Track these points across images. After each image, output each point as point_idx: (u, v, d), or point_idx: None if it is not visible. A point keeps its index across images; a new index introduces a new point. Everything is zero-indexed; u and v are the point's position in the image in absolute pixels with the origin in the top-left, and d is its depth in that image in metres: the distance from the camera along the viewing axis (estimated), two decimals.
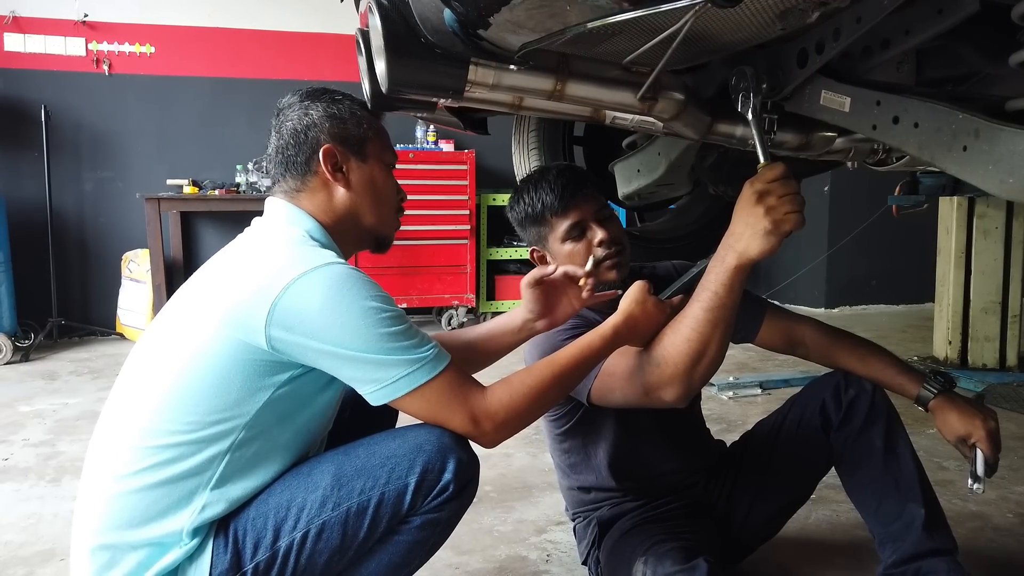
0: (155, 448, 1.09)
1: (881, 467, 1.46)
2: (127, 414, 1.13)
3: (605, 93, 1.25)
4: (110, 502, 1.10)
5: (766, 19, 1.02)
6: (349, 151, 1.24)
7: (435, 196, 4.80)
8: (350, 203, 1.24)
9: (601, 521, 1.58)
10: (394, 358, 1.08)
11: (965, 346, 3.62)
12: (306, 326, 1.07)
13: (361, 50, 1.35)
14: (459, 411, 1.11)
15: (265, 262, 1.13)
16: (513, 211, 1.61)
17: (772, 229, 1.11)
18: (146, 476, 1.09)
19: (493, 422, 1.12)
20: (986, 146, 0.95)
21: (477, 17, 0.98)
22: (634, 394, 1.29)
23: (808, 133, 1.44)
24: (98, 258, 4.83)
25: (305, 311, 1.07)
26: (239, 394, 1.10)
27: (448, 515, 1.15)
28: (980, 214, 3.55)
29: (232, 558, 1.09)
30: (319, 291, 1.07)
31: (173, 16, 4.85)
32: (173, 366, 1.11)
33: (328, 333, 1.06)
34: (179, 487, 1.09)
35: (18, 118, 4.60)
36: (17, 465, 2.52)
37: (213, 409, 1.09)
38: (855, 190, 5.37)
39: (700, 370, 1.22)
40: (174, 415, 1.09)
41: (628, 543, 1.48)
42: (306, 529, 1.09)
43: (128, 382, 1.17)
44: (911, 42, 1.10)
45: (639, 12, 0.91)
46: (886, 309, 5.71)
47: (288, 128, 1.24)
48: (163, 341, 1.16)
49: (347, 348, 1.07)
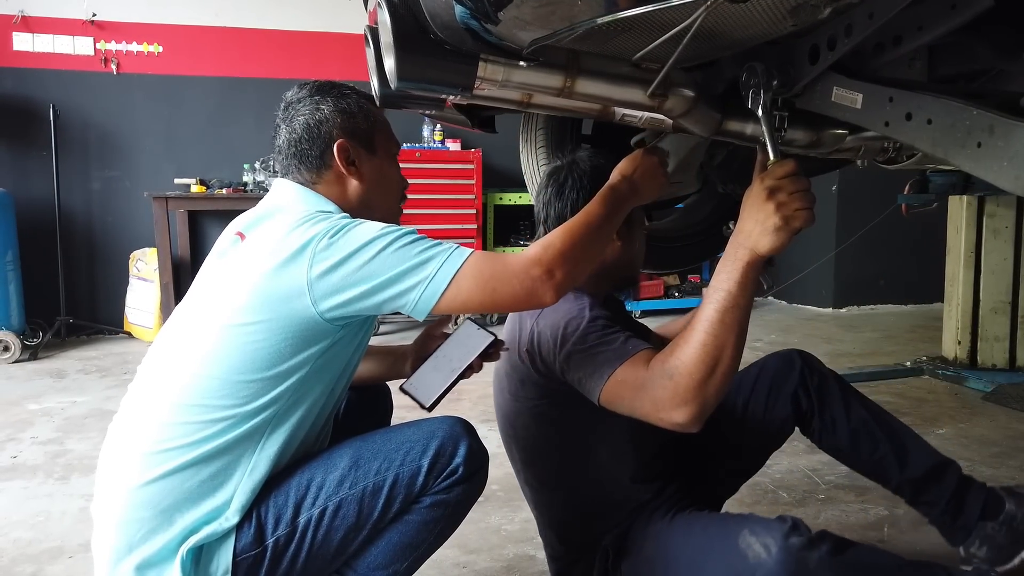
0: (200, 423, 1.14)
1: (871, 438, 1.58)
2: (159, 394, 1.17)
3: (615, 90, 1.24)
4: (153, 477, 1.13)
5: (777, 15, 1.01)
6: (360, 145, 1.30)
7: (442, 195, 4.80)
8: (362, 194, 1.30)
9: (616, 544, 1.44)
10: (424, 257, 1.12)
11: (974, 346, 3.60)
12: (344, 279, 1.12)
13: (370, 47, 1.34)
14: (509, 272, 1.12)
15: (293, 233, 1.16)
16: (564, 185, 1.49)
17: (782, 225, 1.08)
18: (193, 451, 1.13)
19: (544, 265, 1.13)
20: (1001, 142, 0.94)
21: (490, 11, 0.97)
22: (643, 410, 1.19)
23: (819, 130, 1.43)
24: (106, 257, 4.85)
25: (339, 266, 1.12)
26: (283, 366, 1.15)
27: (456, 498, 1.19)
28: (990, 213, 3.53)
29: (255, 532, 1.14)
30: (347, 244, 1.13)
31: (181, 15, 4.86)
32: (207, 343, 1.16)
33: (363, 272, 1.11)
34: (229, 454, 1.14)
35: (26, 117, 4.62)
36: (26, 463, 2.53)
37: (259, 381, 1.14)
38: (864, 189, 5.34)
39: (715, 381, 1.12)
40: (218, 390, 1.14)
41: (689, 535, 1.35)
42: (324, 506, 1.15)
43: (158, 363, 1.21)
44: (924, 38, 1.09)
45: (651, 7, 0.91)
46: (894, 309, 5.69)
47: (300, 123, 1.28)
48: (192, 322, 1.20)
49: (383, 275, 1.11)
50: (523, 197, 4.97)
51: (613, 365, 1.24)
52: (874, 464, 1.60)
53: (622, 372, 1.23)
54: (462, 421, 1.23)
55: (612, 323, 1.33)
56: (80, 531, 2.00)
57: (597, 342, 1.29)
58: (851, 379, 3.45)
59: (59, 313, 4.59)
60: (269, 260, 1.14)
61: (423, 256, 1.13)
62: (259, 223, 1.23)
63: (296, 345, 1.15)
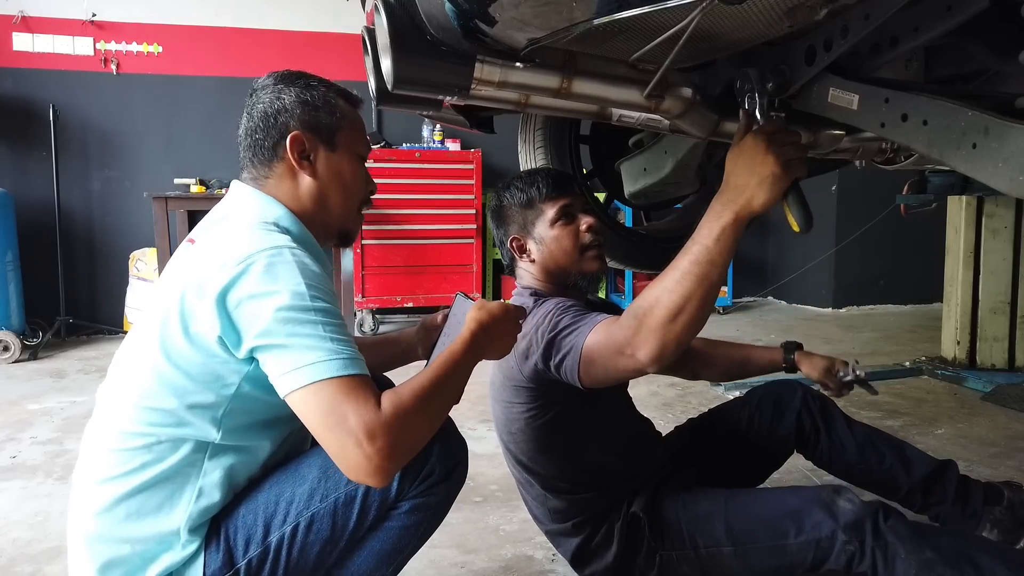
0: (140, 449, 1.08)
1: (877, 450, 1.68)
2: (113, 418, 1.12)
3: (612, 91, 1.25)
4: (106, 504, 1.09)
5: (773, 16, 1.02)
6: (318, 139, 1.21)
7: (441, 195, 4.80)
8: (316, 192, 1.21)
9: (646, 507, 1.51)
10: (308, 343, 1.01)
11: (973, 346, 3.60)
12: (242, 312, 1.03)
13: (367, 48, 1.35)
14: (345, 426, 0.99)
15: (217, 255, 1.08)
16: (502, 199, 1.61)
17: (782, 174, 1.09)
18: (136, 476, 1.08)
19: (383, 434, 0.99)
20: (996, 144, 0.94)
21: (476, 9, 0.98)
22: (612, 358, 1.24)
23: (816, 131, 1.43)
24: (106, 257, 4.85)
25: (244, 295, 1.03)
26: (203, 396, 1.08)
27: (438, 499, 1.16)
28: (989, 213, 3.53)
29: (224, 556, 1.09)
30: (257, 275, 1.04)
31: (180, 16, 4.86)
32: (146, 368, 1.09)
33: (258, 321, 1.02)
34: (169, 483, 1.09)
35: (26, 117, 4.62)
36: (25, 463, 2.53)
37: (181, 410, 1.08)
38: (863, 189, 5.35)
39: (678, 327, 1.14)
40: (151, 419, 1.08)
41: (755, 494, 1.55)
42: (296, 522, 1.10)
43: (113, 385, 1.15)
44: (920, 39, 1.09)
45: (646, 8, 0.91)
46: (893, 309, 5.69)
47: (259, 111, 1.21)
48: (140, 340, 1.13)
49: (272, 335, 1.02)
50: None
51: (584, 336, 1.30)
52: (884, 474, 1.67)
53: (592, 337, 1.29)
54: None
55: (581, 308, 1.40)
56: None
57: (569, 323, 1.35)
58: None
59: (59, 313, 4.59)
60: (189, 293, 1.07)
61: (308, 342, 1.02)
62: (209, 229, 1.18)
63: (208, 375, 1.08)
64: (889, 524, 1.33)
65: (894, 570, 1.31)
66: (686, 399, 3.19)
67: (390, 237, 4.74)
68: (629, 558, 1.51)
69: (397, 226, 4.72)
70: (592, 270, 1.57)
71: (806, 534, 1.36)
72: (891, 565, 1.31)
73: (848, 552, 1.33)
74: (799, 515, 1.38)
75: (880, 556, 1.32)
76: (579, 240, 1.54)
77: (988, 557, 1.31)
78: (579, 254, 1.54)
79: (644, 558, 1.49)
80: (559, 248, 1.54)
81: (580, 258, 1.55)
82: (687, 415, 2.94)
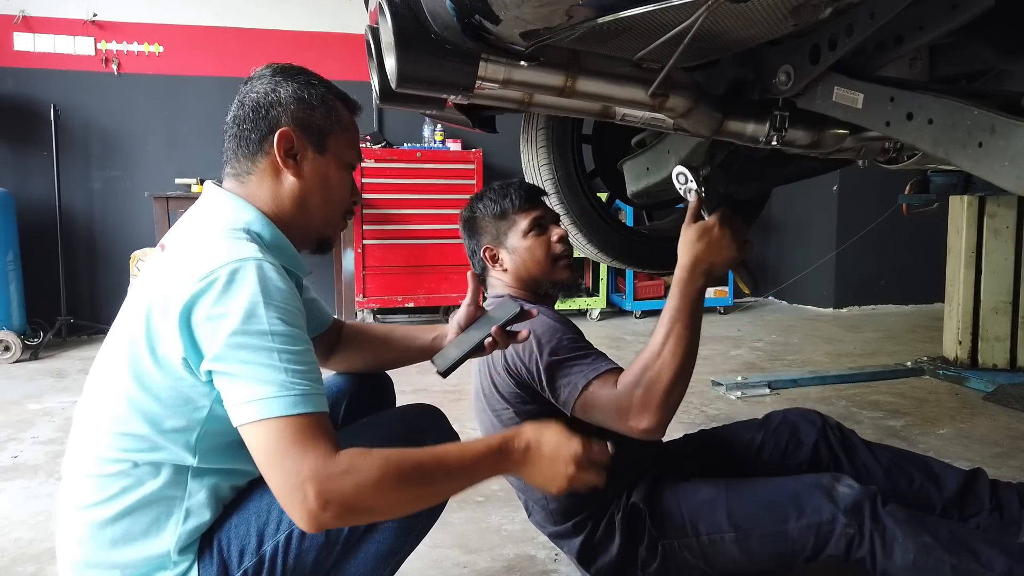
0: (118, 474, 1.04)
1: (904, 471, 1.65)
2: (89, 444, 1.08)
3: (616, 89, 1.24)
4: (91, 530, 1.06)
5: (778, 15, 1.02)
6: (308, 139, 1.16)
7: (442, 195, 4.80)
8: (299, 194, 1.16)
9: (645, 498, 1.53)
10: (261, 374, 0.95)
11: (975, 346, 3.60)
12: (201, 330, 0.98)
13: (371, 47, 1.34)
14: (294, 473, 0.92)
15: (183, 268, 1.03)
16: (474, 210, 1.68)
17: (737, 255, 1.38)
18: (118, 502, 1.05)
19: (323, 495, 0.92)
20: (1002, 142, 0.94)
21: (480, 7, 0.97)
22: (612, 421, 1.34)
23: (820, 130, 1.43)
24: (107, 257, 4.85)
25: (203, 315, 0.98)
26: (175, 420, 1.03)
27: None
28: (991, 213, 3.53)
29: (219, 569, 1.06)
30: (217, 292, 0.98)
31: (181, 16, 4.86)
32: (118, 392, 1.05)
33: (213, 344, 0.97)
34: (154, 506, 1.05)
35: (27, 117, 4.62)
36: (27, 463, 2.53)
37: (156, 435, 1.03)
38: (864, 189, 5.34)
39: (677, 393, 1.30)
40: (126, 445, 1.04)
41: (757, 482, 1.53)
42: (289, 530, 1.06)
43: (88, 407, 1.11)
44: (925, 38, 1.09)
45: (652, 7, 0.91)
46: (895, 309, 5.68)
47: (251, 100, 1.16)
48: (111, 359, 1.09)
49: (224, 361, 0.97)
50: None
51: (587, 379, 1.38)
52: (915, 495, 1.64)
53: (594, 387, 1.37)
54: (428, 409, 1.14)
55: (577, 335, 1.49)
56: None
57: (569, 355, 1.43)
58: (852, 379, 3.49)
59: (60, 313, 4.59)
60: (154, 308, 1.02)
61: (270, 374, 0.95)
62: (179, 235, 1.15)
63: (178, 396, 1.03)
64: (887, 509, 1.37)
65: (892, 554, 1.34)
66: (687, 399, 3.18)
67: (391, 237, 4.74)
68: (632, 550, 1.52)
69: (398, 226, 4.72)
70: (563, 279, 1.64)
71: (807, 518, 1.39)
72: (889, 549, 1.35)
73: (848, 536, 1.37)
74: (800, 500, 1.41)
75: (879, 540, 1.35)
76: (550, 250, 1.61)
77: (986, 545, 1.35)
78: (551, 263, 1.62)
79: (646, 549, 1.50)
80: (531, 258, 1.61)
81: (552, 267, 1.62)
82: (688, 415, 2.94)
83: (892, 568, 1.35)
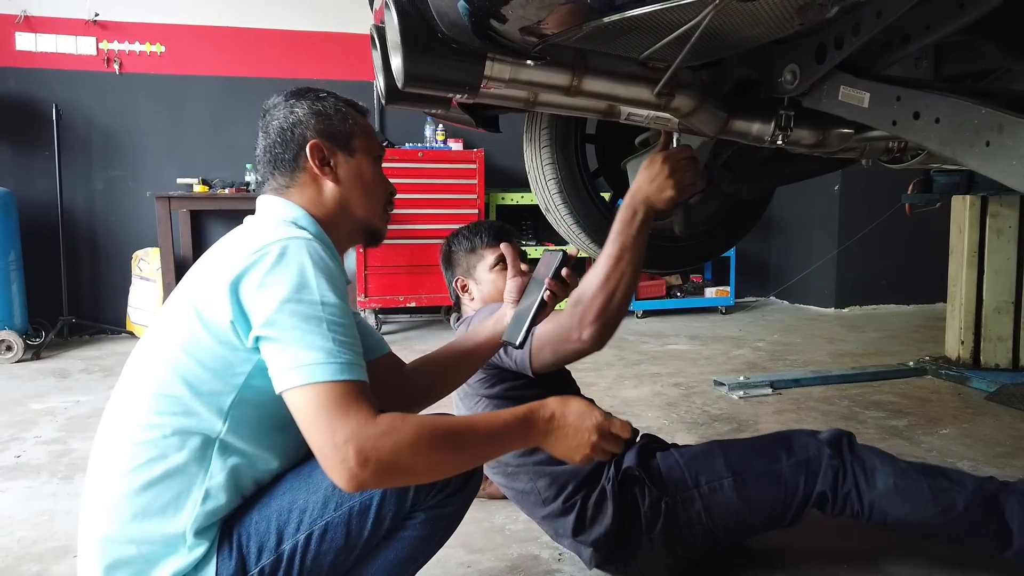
0: (148, 443, 1.07)
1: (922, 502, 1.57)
2: (126, 411, 1.12)
3: (622, 88, 1.25)
4: (115, 501, 1.08)
5: (785, 14, 1.01)
6: (336, 145, 1.24)
7: (444, 195, 4.80)
8: (340, 196, 1.24)
9: (639, 464, 1.62)
10: (310, 340, 1.00)
11: (977, 346, 3.59)
12: (251, 299, 1.03)
13: (376, 46, 1.34)
14: (340, 426, 0.97)
15: (235, 248, 1.10)
16: (451, 246, 1.87)
17: (677, 196, 1.43)
18: (143, 472, 1.07)
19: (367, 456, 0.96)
20: (1010, 141, 0.94)
21: (490, 7, 0.97)
22: (560, 344, 1.42)
23: (825, 130, 1.43)
24: (108, 256, 4.85)
25: (254, 284, 1.03)
26: (214, 385, 1.07)
27: (453, 510, 1.16)
28: (993, 213, 3.53)
29: (237, 563, 1.07)
30: (269, 264, 1.04)
31: (183, 15, 4.86)
32: (162, 361, 1.10)
33: (264, 309, 1.02)
34: (175, 481, 1.07)
35: (29, 117, 4.62)
36: (30, 462, 2.53)
37: (192, 402, 1.07)
38: (866, 189, 5.34)
39: (614, 307, 1.38)
40: (161, 408, 1.08)
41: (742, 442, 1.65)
42: (309, 531, 1.08)
43: (126, 381, 1.16)
44: (931, 37, 1.09)
45: (660, 6, 0.91)
46: (897, 309, 5.68)
47: (275, 127, 1.24)
48: (155, 337, 1.15)
49: (275, 326, 1.01)
50: (525, 197, 4.97)
51: None
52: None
53: (540, 329, 1.45)
54: None
55: None
56: None
57: None
58: (855, 379, 3.49)
59: (62, 313, 4.59)
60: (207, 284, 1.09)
61: (319, 341, 1.01)
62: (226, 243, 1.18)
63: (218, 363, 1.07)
64: (860, 444, 1.57)
65: (874, 482, 1.49)
66: (690, 399, 3.19)
67: (392, 237, 4.73)
68: (631, 515, 1.58)
69: (399, 226, 4.71)
70: None
71: (796, 455, 1.55)
72: (871, 477, 1.50)
73: (834, 468, 1.52)
74: (788, 440, 1.59)
75: (859, 470, 1.51)
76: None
77: (955, 471, 1.54)
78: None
79: (650, 509, 1.57)
80: (495, 289, 1.78)
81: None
82: (690, 415, 2.94)
83: (876, 497, 1.49)
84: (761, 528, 1.59)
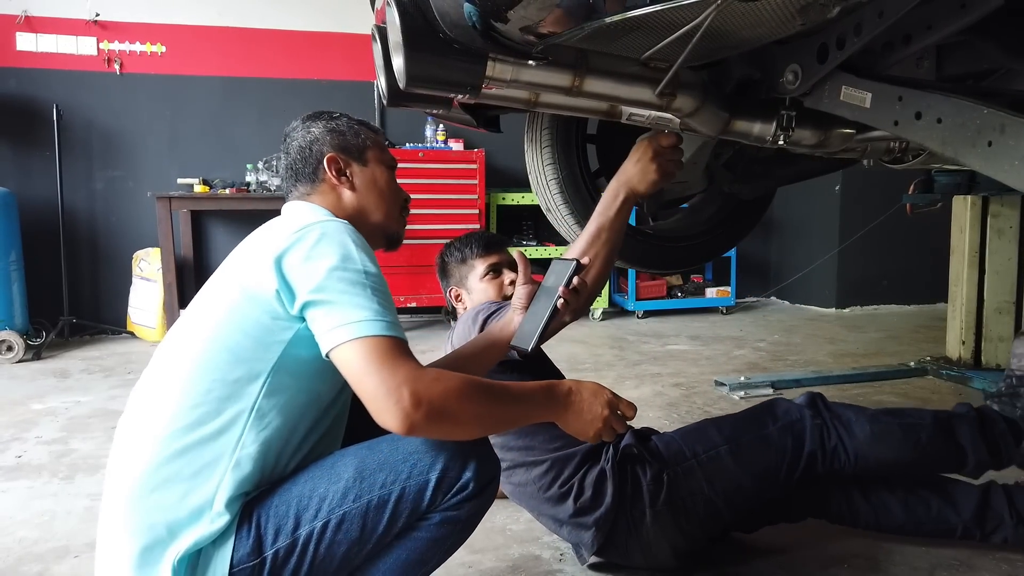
0: (187, 409, 1.12)
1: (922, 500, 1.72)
2: (161, 385, 1.17)
3: (623, 89, 1.25)
4: (145, 466, 1.11)
5: (786, 14, 1.01)
6: (350, 157, 1.36)
7: (444, 195, 4.80)
8: (357, 202, 1.35)
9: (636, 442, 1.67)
10: (358, 301, 1.09)
11: (978, 347, 3.59)
12: (298, 270, 1.12)
13: (378, 46, 1.34)
14: (392, 370, 1.05)
15: (273, 232, 1.20)
16: (445, 257, 1.95)
17: (659, 180, 1.48)
18: (179, 439, 1.11)
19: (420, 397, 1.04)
20: (1012, 141, 0.94)
21: (496, 8, 0.97)
22: None
23: (826, 130, 1.43)
24: (109, 257, 4.85)
25: (300, 257, 1.12)
26: (254, 352, 1.13)
27: (467, 514, 1.16)
28: (994, 213, 3.53)
29: (254, 543, 1.10)
30: (313, 240, 1.14)
31: (184, 16, 4.86)
32: (200, 336, 1.17)
33: (312, 278, 1.10)
34: (208, 449, 1.10)
35: (30, 117, 4.62)
36: (31, 462, 2.53)
37: (231, 368, 1.13)
38: (867, 189, 5.34)
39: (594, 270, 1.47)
40: (202, 374, 1.13)
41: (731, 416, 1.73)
42: (327, 519, 1.11)
43: (157, 364, 1.21)
44: (933, 37, 1.09)
45: (662, 6, 0.91)
46: (898, 309, 5.68)
47: (295, 147, 1.36)
48: (193, 318, 1.22)
49: (324, 291, 1.10)
50: (526, 197, 4.96)
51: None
52: (934, 522, 1.70)
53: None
54: None
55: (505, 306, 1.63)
56: (85, 531, 2.00)
57: (499, 308, 1.62)
58: (855, 379, 3.48)
59: (62, 313, 4.59)
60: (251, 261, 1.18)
61: (356, 300, 1.09)
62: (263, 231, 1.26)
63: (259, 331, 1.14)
64: (832, 401, 1.69)
65: (854, 432, 1.62)
66: (691, 399, 3.19)
67: None
68: (633, 490, 1.61)
69: None
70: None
71: (780, 420, 1.66)
72: (849, 428, 1.62)
73: (817, 427, 1.63)
74: (771, 407, 1.70)
75: (839, 424, 1.63)
76: (502, 292, 1.84)
77: (911, 409, 1.70)
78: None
79: (653, 481, 1.61)
80: (486, 298, 1.83)
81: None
82: (691, 415, 2.94)
83: (858, 445, 1.61)
84: (757, 496, 1.65)
